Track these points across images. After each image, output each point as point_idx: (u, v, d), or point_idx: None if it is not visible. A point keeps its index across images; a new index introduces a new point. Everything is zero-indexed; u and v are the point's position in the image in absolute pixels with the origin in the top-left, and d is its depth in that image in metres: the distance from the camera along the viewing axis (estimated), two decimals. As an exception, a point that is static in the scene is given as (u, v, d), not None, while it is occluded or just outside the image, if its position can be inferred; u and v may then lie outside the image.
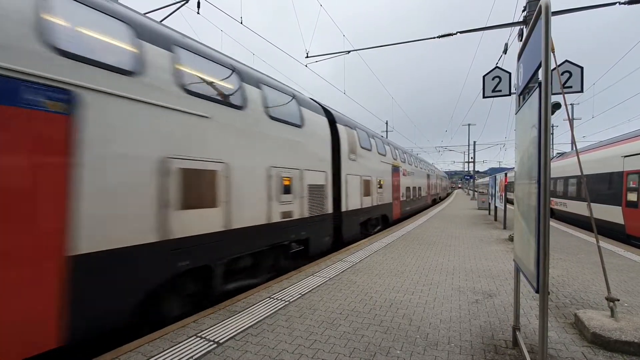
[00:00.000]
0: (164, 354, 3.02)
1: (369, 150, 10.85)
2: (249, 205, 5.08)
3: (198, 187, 4.20)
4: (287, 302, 4.32)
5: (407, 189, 16.51)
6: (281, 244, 5.98)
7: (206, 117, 4.44)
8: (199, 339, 3.32)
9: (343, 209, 8.64)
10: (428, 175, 24.31)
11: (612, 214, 10.00)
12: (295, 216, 6.34)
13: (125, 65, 3.46)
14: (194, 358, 2.96)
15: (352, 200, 9.24)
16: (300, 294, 4.66)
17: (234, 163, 4.81)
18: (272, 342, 3.25)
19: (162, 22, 4.99)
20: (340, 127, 8.84)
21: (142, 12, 4.52)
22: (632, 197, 9.11)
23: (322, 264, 6.37)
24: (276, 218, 5.75)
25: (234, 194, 4.78)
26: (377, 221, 11.82)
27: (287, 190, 6.10)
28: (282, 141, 6.02)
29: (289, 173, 6.18)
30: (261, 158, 5.45)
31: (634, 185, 9.04)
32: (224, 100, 4.79)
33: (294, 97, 6.92)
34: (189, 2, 7.79)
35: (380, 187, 11.80)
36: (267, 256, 5.79)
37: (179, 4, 7.91)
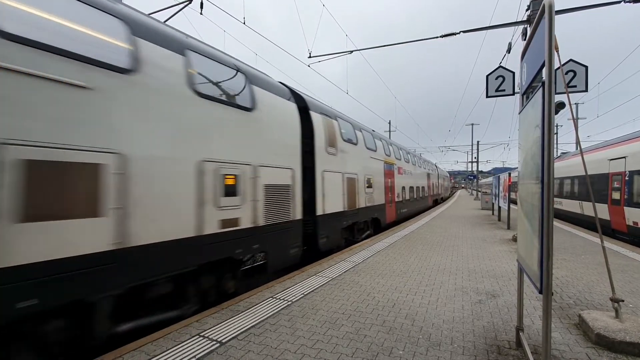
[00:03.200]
0: (167, 354, 3.03)
1: None
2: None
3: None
4: (289, 302, 4.32)
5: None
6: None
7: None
8: (201, 338, 3.33)
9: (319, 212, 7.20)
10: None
11: (599, 211, 11.11)
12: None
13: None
14: (196, 357, 2.97)
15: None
16: (302, 293, 4.67)
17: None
18: (275, 342, 3.25)
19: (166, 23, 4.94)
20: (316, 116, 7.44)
21: (147, 13, 4.54)
22: (616, 195, 10.28)
23: (324, 264, 6.37)
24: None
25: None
26: None
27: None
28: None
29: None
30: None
31: (618, 185, 10.19)
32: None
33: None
34: (192, 2, 7.82)
35: None
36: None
37: (182, 5, 7.94)
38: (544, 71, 2.03)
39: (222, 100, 4.67)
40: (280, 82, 6.86)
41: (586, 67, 6.54)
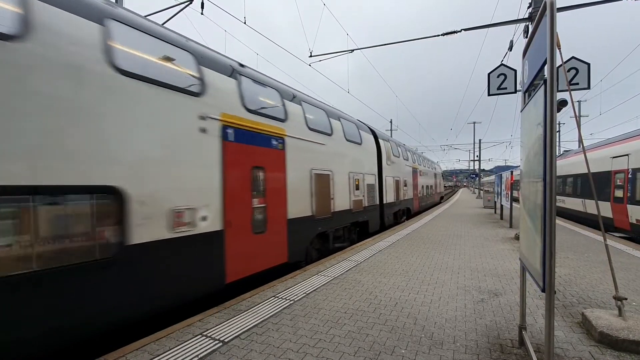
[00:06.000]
0: (170, 353, 3.04)
1: None
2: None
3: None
4: (291, 302, 4.33)
5: None
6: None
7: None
8: (204, 337, 3.34)
9: None
10: None
11: (602, 208, 11.07)
12: None
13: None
14: (199, 357, 2.98)
15: None
16: (305, 293, 4.67)
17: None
18: (277, 341, 3.26)
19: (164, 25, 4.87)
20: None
21: (145, 15, 4.51)
22: (618, 193, 10.25)
23: (326, 263, 6.38)
24: None
25: None
26: None
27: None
28: None
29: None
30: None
31: (620, 183, 10.15)
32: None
33: None
34: (193, 3, 7.83)
35: None
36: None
37: (183, 5, 7.95)
38: (546, 69, 2.02)
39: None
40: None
41: (588, 64, 6.49)
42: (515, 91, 7.73)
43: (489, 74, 7.86)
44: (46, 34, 3.03)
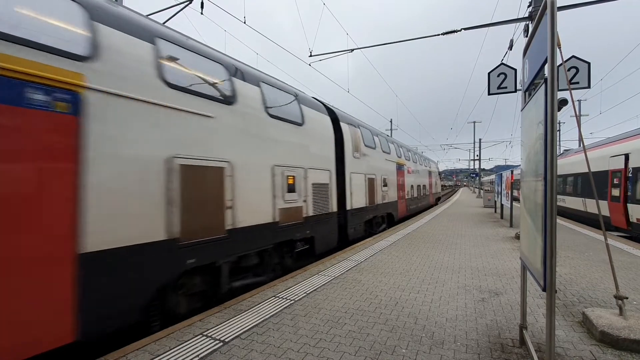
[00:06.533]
0: (170, 353, 3.04)
1: None
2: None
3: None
4: (292, 301, 4.33)
5: None
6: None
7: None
8: (205, 337, 3.34)
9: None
10: None
11: (600, 207, 11.18)
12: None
13: None
14: (199, 357, 2.98)
15: None
16: (305, 292, 4.67)
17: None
18: (278, 341, 3.26)
19: (165, 24, 4.88)
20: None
21: (147, 14, 4.49)
22: (615, 192, 10.40)
23: (327, 262, 6.37)
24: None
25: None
26: None
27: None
28: None
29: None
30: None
31: (617, 182, 10.31)
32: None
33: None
34: (193, 2, 7.83)
35: None
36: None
37: (182, 5, 7.95)
38: (546, 68, 2.02)
39: None
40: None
41: (589, 63, 6.48)
42: (516, 90, 7.72)
43: (489, 73, 7.85)
44: None
